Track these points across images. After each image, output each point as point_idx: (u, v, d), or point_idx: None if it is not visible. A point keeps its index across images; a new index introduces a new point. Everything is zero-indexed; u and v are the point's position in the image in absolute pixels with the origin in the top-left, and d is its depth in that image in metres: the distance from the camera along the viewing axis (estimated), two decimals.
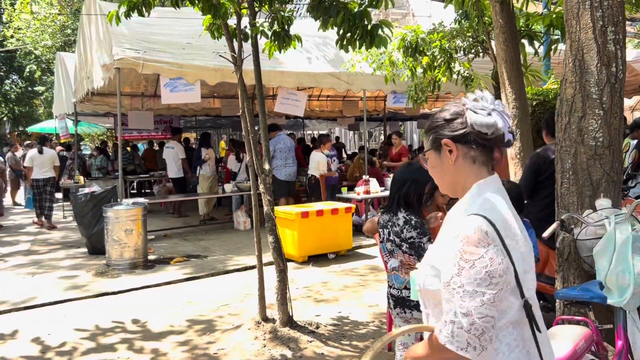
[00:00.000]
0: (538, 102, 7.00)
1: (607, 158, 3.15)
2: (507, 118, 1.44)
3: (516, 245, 1.40)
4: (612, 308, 2.79)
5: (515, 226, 1.42)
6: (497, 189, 1.47)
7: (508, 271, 1.35)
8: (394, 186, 2.96)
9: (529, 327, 1.41)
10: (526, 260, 1.42)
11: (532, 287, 1.43)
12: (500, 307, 1.35)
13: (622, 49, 3.14)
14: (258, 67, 4.63)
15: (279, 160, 9.03)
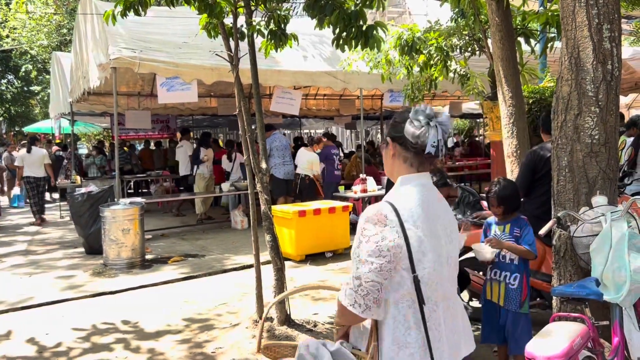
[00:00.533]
0: (534, 100, 7.01)
1: (603, 155, 3.16)
2: (441, 132, 1.68)
3: (416, 230, 1.65)
4: (609, 305, 2.80)
5: (422, 214, 1.68)
6: (419, 184, 1.73)
7: (398, 248, 1.62)
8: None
9: (429, 304, 1.66)
10: (424, 243, 1.65)
11: (429, 267, 1.65)
12: (387, 275, 1.62)
13: (617, 47, 3.15)
14: (255, 66, 4.63)
15: (277, 158, 9.02)
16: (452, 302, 1.75)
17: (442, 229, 1.72)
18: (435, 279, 1.68)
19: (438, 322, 1.68)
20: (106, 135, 21.36)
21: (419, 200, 1.70)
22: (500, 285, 3.29)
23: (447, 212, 1.77)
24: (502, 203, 3.32)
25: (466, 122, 24.46)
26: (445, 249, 1.71)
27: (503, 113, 5.08)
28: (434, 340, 1.66)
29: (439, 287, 1.69)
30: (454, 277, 1.79)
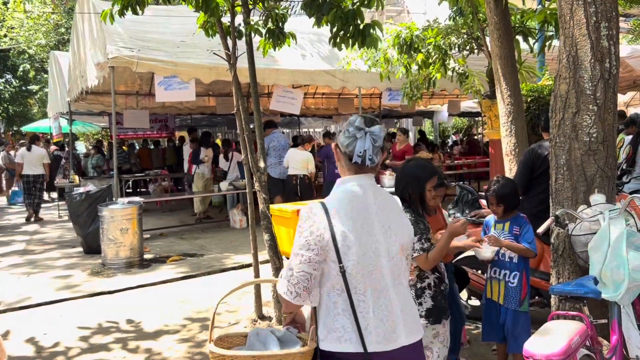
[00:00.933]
0: (533, 98, 7.01)
1: (601, 154, 3.16)
2: (370, 142, 1.87)
3: (342, 226, 1.81)
4: (607, 303, 2.80)
5: (351, 212, 1.84)
6: (355, 184, 1.91)
7: (324, 242, 1.79)
8: (395, 183, 2.96)
9: (353, 292, 1.81)
10: (348, 238, 1.80)
11: (353, 259, 1.80)
12: (316, 267, 1.80)
13: (615, 45, 3.15)
14: (252, 65, 4.62)
15: (273, 158, 8.99)
16: (386, 292, 1.85)
17: (378, 225, 1.87)
18: (361, 271, 1.82)
19: (367, 310, 1.81)
20: (105, 135, 21.33)
21: (350, 199, 1.88)
22: (500, 284, 3.29)
23: (389, 210, 1.92)
24: (502, 201, 3.32)
25: (465, 121, 24.46)
26: (380, 244, 1.85)
27: (501, 111, 5.07)
28: (361, 327, 1.79)
29: (367, 279, 1.82)
30: (395, 270, 1.89)
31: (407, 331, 1.87)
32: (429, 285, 2.83)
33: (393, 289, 1.87)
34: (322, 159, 9.72)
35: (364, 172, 1.93)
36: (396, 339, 1.84)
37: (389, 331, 1.83)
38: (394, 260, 1.89)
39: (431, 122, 23.79)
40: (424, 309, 2.81)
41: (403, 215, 2.03)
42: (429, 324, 2.80)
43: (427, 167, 2.90)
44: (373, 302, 1.82)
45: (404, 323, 1.87)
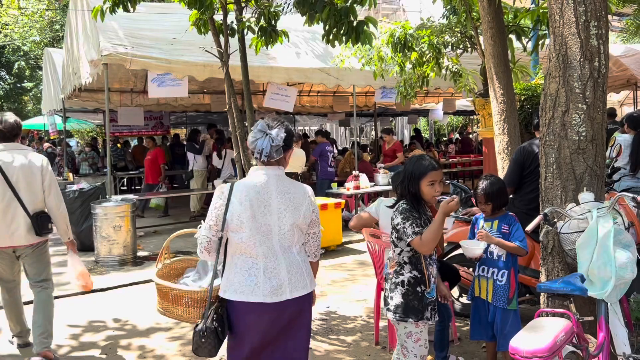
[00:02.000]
0: (526, 97, 7.04)
1: (590, 152, 3.18)
2: (268, 143, 2.37)
3: (239, 205, 2.35)
4: (595, 300, 2.82)
5: (251, 194, 2.37)
6: (262, 174, 2.43)
7: (222, 215, 2.36)
8: (394, 180, 2.98)
9: (249, 257, 2.37)
10: (243, 215, 2.35)
11: (247, 232, 2.35)
12: (214, 233, 2.39)
13: (604, 44, 3.16)
14: (245, 63, 4.62)
15: None
16: (275, 258, 2.38)
17: (275, 207, 2.40)
18: (254, 241, 2.36)
19: (258, 271, 2.35)
20: (99, 132, 21.27)
21: (254, 185, 2.40)
22: (488, 282, 3.30)
23: (289, 196, 2.42)
24: (490, 200, 3.33)
25: (460, 119, 24.52)
26: (273, 222, 2.39)
27: (494, 110, 5.09)
28: (252, 283, 2.34)
29: (259, 247, 2.36)
30: (285, 242, 2.41)
31: (291, 288, 2.38)
32: (402, 282, 2.80)
33: (282, 255, 2.40)
34: (316, 157, 9.72)
35: (271, 164, 2.44)
36: (281, 294, 2.35)
37: (276, 287, 2.34)
38: (285, 235, 2.41)
39: (426, 120, 23.84)
40: (393, 304, 2.81)
41: (304, 200, 2.47)
42: (397, 320, 2.80)
43: (422, 165, 2.83)
44: (264, 265, 2.36)
45: (289, 282, 2.38)
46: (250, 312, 2.35)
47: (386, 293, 2.89)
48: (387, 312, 2.85)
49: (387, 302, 2.86)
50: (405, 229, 2.73)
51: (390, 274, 2.87)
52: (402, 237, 2.77)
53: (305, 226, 2.48)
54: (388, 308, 2.84)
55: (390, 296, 2.84)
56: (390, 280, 2.86)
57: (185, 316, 2.70)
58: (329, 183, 9.17)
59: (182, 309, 2.69)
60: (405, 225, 2.73)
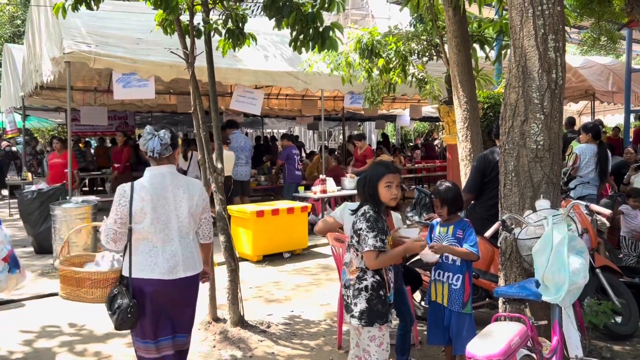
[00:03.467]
0: (489, 105, 7.20)
1: (547, 161, 3.27)
2: (157, 142, 2.84)
3: (140, 200, 2.79)
4: (549, 305, 2.90)
5: (149, 190, 2.82)
6: (156, 172, 2.89)
7: (126, 210, 2.79)
8: (358, 184, 3.00)
9: (149, 242, 2.83)
10: (145, 208, 2.79)
11: (148, 222, 2.79)
12: (119, 226, 2.80)
13: (562, 56, 3.27)
14: (211, 65, 4.58)
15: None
16: (172, 243, 2.85)
17: (172, 199, 2.86)
18: (154, 229, 2.81)
19: (157, 254, 2.82)
20: (61, 131, 20.70)
21: (152, 182, 2.85)
22: (444, 286, 3.36)
23: (182, 189, 2.89)
24: (445, 204, 3.39)
25: (426, 125, 24.89)
26: (171, 212, 2.85)
27: (458, 117, 5.19)
28: (152, 264, 2.80)
29: (159, 234, 2.82)
30: (183, 229, 2.89)
31: (184, 268, 2.86)
32: (365, 287, 2.80)
33: (179, 241, 2.87)
34: (283, 161, 9.71)
35: (163, 163, 2.90)
36: (176, 272, 2.83)
37: (172, 267, 2.82)
38: (182, 223, 2.88)
39: (393, 125, 24.12)
40: (358, 310, 2.80)
41: (195, 192, 2.94)
42: (363, 326, 2.80)
43: (379, 168, 2.92)
44: (162, 249, 2.83)
45: (183, 263, 2.86)
46: (149, 287, 2.79)
47: (348, 300, 2.86)
48: (351, 319, 2.83)
49: (350, 309, 2.84)
50: (367, 238, 2.74)
51: (352, 279, 2.85)
52: (360, 242, 2.78)
53: (198, 214, 2.98)
54: (352, 315, 2.82)
55: (353, 302, 2.82)
56: (353, 286, 2.84)
57: (89, 297, 3.01)
58: (295, 186, 9.16)
59: (86, 290, 3.00)
60: (368, 235, 2.74)
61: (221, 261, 4.81)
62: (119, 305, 2.76)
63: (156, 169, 2.88)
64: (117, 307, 2.76)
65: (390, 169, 2.90)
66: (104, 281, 2.95)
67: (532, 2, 3.21)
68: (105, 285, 2.94)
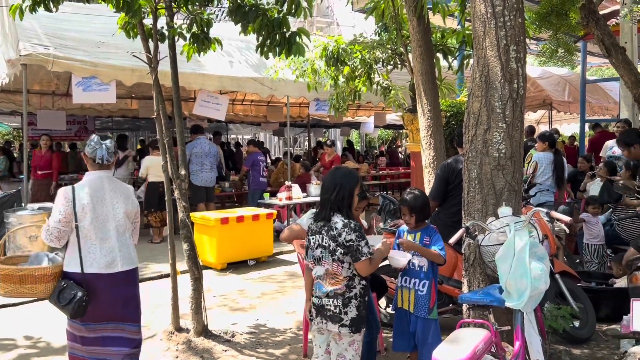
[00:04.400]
0: (452, 113, 7.34)
1: (509, 169, 3.35)
2: (105, 150, 3.19)
3: (80, 201, 3.09)
4: (512, 310, 2.96)
5: (89, 192, 3.12)
6: (96, 176, 3.20)
7: (69, 210, 3.07)
8: (325, 192, 2.94)
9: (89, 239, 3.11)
10: (85, 208, 3.09)
11: (87, 221, 3.09)
12: (64, 225, 3.07)
13: (522, 67, 3.36)
14: (175, 69, 4.51)
15: (195, 165, 8.76)
16: (110, 240, 3.14)
17: (109, 201, 3.17)
18: (94, 228, 3.10)
19: (95, 250, 3.10)
20: (16, 136, 20.00)
21: (91, 184, 3.16)
22: (410, 292, 3.38)
23: (118, 192, 3.22)
24: (413, 212, 3.42)
25: (390, 133, 25.18)
26: (109, 212, 3.16)
27: (422, 125, 5.27)
28: (92, 259, 3.09)
29: (97, 232, 3.12)
30: (120, 228, 3.19)
31: (122, 263, 3.16)
32: (355, 295, 2.85)
33: (116, 238, 3.16)
34: (248, 167, 9.62)
35: (103, 168, 3.22)
36: (114, 267, 3.13)
37: (109, 262, 3.12)
38: (119, 222, 3.19)
39: (358, 132, 24.31)
40: (349, 318, 2.83)
41: (130, 195, 3.28)
42: (353, 333, 2.83)
43: (353, 174, 3.00)
44: (100, 245, 3.11)
45: (120, 259, 3.15)
46: (89, 281, 3.06)
47: (336, 310, 2.85)
48: (341, 328, 2.83)
49: (340, 319, 2.83)
50: (361, 247, 2.81)
51: (340, 289, 2.85)
52: (356, 254, 2.81)
53: (132, 215, 3.30)
54: (342, 324, 2.82)
55: (343, 311, 2.83)
56: (342, 295, 2.84)
57: (32, 292, 3.15)
58: (261, 193, 9.09)
59: (29, 286, 3.14)
60: (360, 244, 2.82)
61: (184, 269, 4.71)
62: (73, 296, 3.00)
63: (94, 173, 3.21)
64: (72, 298, 3.00)
65: (359, 179, 2.99)
66: (46, 277, 3.13)
67: (494, 13, 3.28)
68: (48, 281, 3.12)
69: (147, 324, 4.87)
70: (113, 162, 3.29)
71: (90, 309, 3.06)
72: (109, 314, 3.16)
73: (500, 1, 3.27)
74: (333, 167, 3.28)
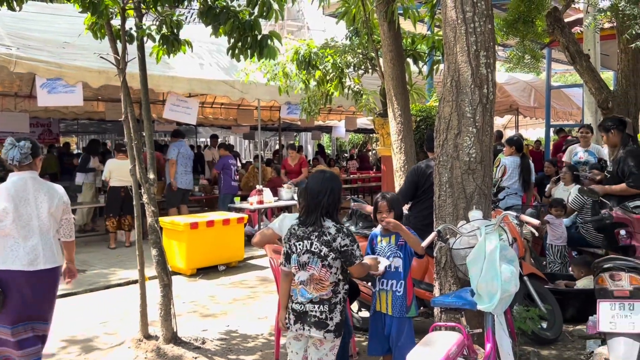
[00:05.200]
0: (422, 118, 7.41)
1: (479, 172, 3.39)
2: (17, 152, 3.29)
3: (3, 201, 3.22)
4: (483, 313, 2.99)
5: (12, 193, 3.27)
6: (18, 177, 3.34)
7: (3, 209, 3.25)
8: (313, 196, 2.88)
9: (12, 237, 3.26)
10: (7, 208, 3.23)
11: (9, 221, 3.25)
12: None
13: (492, 72, 3.41)
14: (144, 71, 4.42)
15: (180, 166, 8.69)
16: (34, 239, 3.30)
17: (32, 200, 3.31)
18: (17, 227, 3.25)
19: (19, 248, 3.26)
20: None
21: (15, 185, 3.30)
22: (388, 294, 3.36)
23: (42, 192, 3.36)
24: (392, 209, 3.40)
25: (361, 137, 25.33)
26: (32, 211, 3.31)
27: (392, 129, 5.30)
28: (14, 256, 3.24)
29: (21, 231, 3.27)
30: (44, 227, 3.35)
31: (44, 261, 3.31)
32: (340, 300, 2.88)
33: (39, 237, 3.32)
34: (219, 171, 9.51)
35: (24, 169, 3.34)
36: (37, 265, 3.28)
37: (32, 260, 3.27)
38: (42, 222, 3.34)
39: (329, 136, 24.37)
40: (334, 324, 2.83)
41: (56, 195, 3.41)
42: (336, 337, 2.85)
43: (339, 178, 3.06)
44: (24, 243, 3.27)
45: (43, 256, 3.31)
46: (11, 277, 3.21)
47: (321, 316, 2.83)
48: (326, 334, 2.82)
49: (325, 324, 2.82)
50: (355, 252, 2.85)
51: (326, 294, 2.84)
52: (350, 259, 2.83)
53: (59, 215, 3.44)
54: (328, 330, 2.82)
55: (329, 317, 2.83)
56: (329, 301, 2.84)
57: None
58: (231, 197, 9.00)
59: None
60: (354, 248, 2.85)
61: (153, 275, 4.62)
62: None
63: (18, 174, 3.34)
64: None
65: None
66: None
67: (465, 19, 3.32)
68: None
69: (114, 331, 4.76)
70: (35, 162, 3.40)
71: (11, 306, 3.20)
72: (28, 311, 3.28)
73: (471, 7, 3.32)
74: (318, 171, 3.23)
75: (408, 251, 3.36)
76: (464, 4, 3.32)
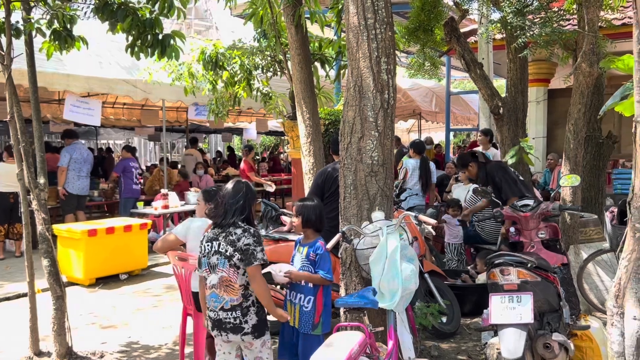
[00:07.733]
0: (330, 121, 7.53)
1: (381, 175, 3.49)
2: None
3: None
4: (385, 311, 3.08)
5: None
6: None
7: None
8: (229, 199, 2.89)
9: None
10: None
11: None
12: None
13: (392, 78, 3.52)
14: (33, 68, 4.11)
15: (72, 171, 8.10)
16: None
17: None
18: None
19: None
20: None
21: None
22: (295, 308, 3.33)
23: None
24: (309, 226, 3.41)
25: (273, 139, 25.31)
26: None
27: (301, 132, 5.34)
28: None
29: None
30: None
31: None
32: (252, 302, 2.86)
33: None
34: (118, 173, 9.04)
35: None
36: None
37: None
38: None
39: (240, 138, 24.10)
40: (250, 326, 2.83)
41: None
42: (257, 337, 2.85)
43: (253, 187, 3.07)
44: None
45: None
46: None
47: (235, 321, 2.81)
48: (243, 336, 2.81)
49: (241, 329, 2.81)
50: (256, 252, 2.80)
51: (237, 299, 2.81)
52: (249, 258, 2.78)
53: None
54: (245, 333, 2.81)
55: (244, 321, 2.82)
56: (240, 306, 2.82)
57: None
58: (134, 201, 8.60)
59: None
60: (256, 249, 2.81)
61: (45, 287, 4.29)
62: None
63: None
64: None
65: None
66: None
67: (366, 26, 3.41)
68: None
69: (1, 350, 4.36)
70: None
71: None
72: None
73: (372, 14, 3.41)
74: (235, 179, 3.19)
75: (321, 270, 3.28)
76: (365, 10, 3.41)
